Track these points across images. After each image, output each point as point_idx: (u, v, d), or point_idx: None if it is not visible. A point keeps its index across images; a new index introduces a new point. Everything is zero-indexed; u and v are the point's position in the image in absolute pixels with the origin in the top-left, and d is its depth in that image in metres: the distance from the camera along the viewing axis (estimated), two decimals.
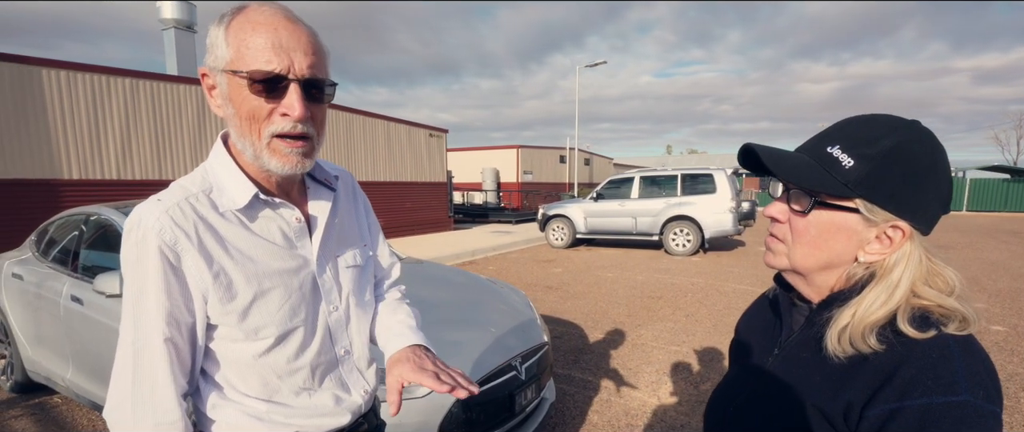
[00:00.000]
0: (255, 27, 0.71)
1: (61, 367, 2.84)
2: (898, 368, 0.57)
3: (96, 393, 2.62)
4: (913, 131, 0.61)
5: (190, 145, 8.35)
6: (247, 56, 0.71)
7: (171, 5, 9.90)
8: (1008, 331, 4.58)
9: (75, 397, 2.81)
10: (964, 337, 0.59)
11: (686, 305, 5.67)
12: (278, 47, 0.71)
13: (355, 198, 1.01)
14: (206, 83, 0.77)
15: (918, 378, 0.56)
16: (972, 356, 0.57)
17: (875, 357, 0.60)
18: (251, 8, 0.73)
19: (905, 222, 0.61)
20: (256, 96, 0.72)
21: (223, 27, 0.73)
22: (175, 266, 0.73)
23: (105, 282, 2.32)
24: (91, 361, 2.62)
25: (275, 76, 0.71)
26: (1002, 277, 7.15)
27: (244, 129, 0.75)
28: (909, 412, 0.55)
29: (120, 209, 2.87)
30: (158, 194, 0.77)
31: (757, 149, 0.66)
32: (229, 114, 0.75)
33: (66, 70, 6.86)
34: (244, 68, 0.71)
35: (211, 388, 0.83)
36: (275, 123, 0.74)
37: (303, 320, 0.84)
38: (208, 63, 0.75)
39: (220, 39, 0.72)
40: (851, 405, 0.60)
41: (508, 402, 2.23)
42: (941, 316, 0.60)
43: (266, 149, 0.75)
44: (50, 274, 2.96)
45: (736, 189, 9.58)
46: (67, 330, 2.73)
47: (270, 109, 0.73)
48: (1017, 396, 3.22)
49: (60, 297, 2.77)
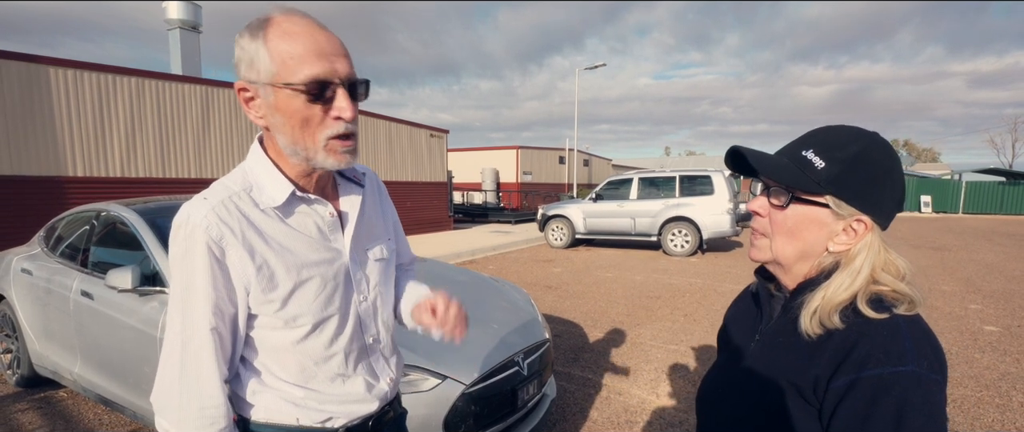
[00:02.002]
0: (294, 38, 0.74)
1: (69, 361, 2.89)
2: (855, 344, 0.66)
3: (104, 386, 2.67)
4: (875, 140, 0.72)
5: (194, 144, 8.40)
6: (294, 67, 0.74)
7: (177, 5, 9.96)
8: (1002, 331, 4.65)
9: (83, 390, 2.85)
10: (912, 316, 0.68)
11: (684, 305, 5.73)
12: (321, 54, 0.75)
13: (380, 195, 1.07)
14: (244, 95, 0.79)
15: (872, 352, 0.65)
16: (918, 332, 0.67)
17: (838, 335, 0.69)
18: (281, 19, 0.76)
19: (868, 216, 0.71)
20: (309, 104, 0.76)
21: (260, 41, 0.75)
22: (220, 260, 0.78)
23: (117, 277, 2.36)
24: (100, 355, 2.67)
25: (324, 82, 0.76)
26: (996, 279, 7.22)
27: (297, 136, 0.78)
28: (865, 381, 0.64)
29: (130, 206, 2.91)
30: (203, 193, 0.82)
31: (742, 150, 0.76)
32: (276, 123, 0.78)
33: (73, 69, 6.92)
34: (293, 79, 0.74)
35: (251, 374, 0.88)
36: (329, 127, 0.78)
37: (337, 309, 0.89)
38: (247, 77, 0.77)
39: (261, 53, 0.74)
40: (818, 378, 0.68)
41: (511, 397, 2.28)
42: (893, 299, 0.69)
43: (322, 150, 0.80)
44: (60, 269, 3.00)
45: (734, 191, 9.64)
46: (76, 324, 2.78)
47: (322, 114, 0.78)
48: (1009, 394, 3.28)
49: (70, 292, 2.82)
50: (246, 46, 0.76)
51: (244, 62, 0.77)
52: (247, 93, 0.79)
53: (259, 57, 0.75)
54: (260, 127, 0.83)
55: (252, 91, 0.78)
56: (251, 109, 0.80)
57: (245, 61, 0.77)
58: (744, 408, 0.79)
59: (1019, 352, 4.08)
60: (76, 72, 6.94)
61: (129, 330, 2.44)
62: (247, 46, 0.76)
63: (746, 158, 0.76)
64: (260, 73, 0.76)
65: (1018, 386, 3.42)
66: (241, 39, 0.77)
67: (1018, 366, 3.77)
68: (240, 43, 0.77)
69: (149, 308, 2.38)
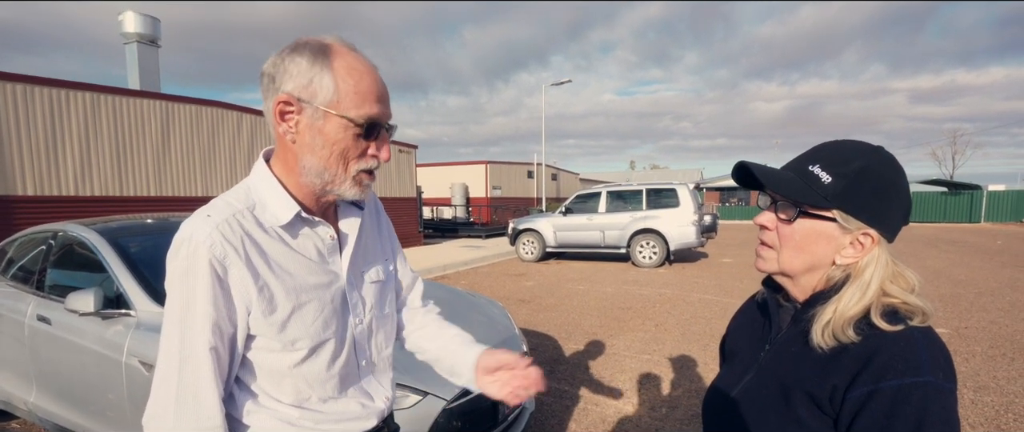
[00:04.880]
0: (361, 75, 0.78)
1: (24, 390, 2.73)
2: (873, 356, 0.68)
3: (63, 415, 2.53)
4: (880, 155, 0.73)
5: (153, 161, 8.11)
6: (357, 102, 0.78)
7: (134, 19, 9.64)
8: (951, 332, 4.92)
9: (39, 421, 2.69)
10: (925, 328, 0.70)
11: (655, 315, 5.84)
12: (380, 97, 0.81)
13: (379, 216, 1.07)
14: (283, 109, 0.79)
15: (890, 363, 0.66)
16: (932, 344, 0.69)
17: (854, 347, 0.70)
18: (344, 51, 0.79)
19: (874, 230, 0.72)
20: (358, 139, 0.80)
21: (325, 67, 0.77)
22: (222, 279, 0.77)
23: (77, 300, 2.25)
24: (59, 382, 2.53)
25: (377, 124, 0.81)
26: (944, 283, 7.64)
27: (331, 162, 0.80)
28: (884, 392, 0.65)
29: (89, 226, 2.79)
30: (205, 210, 0.81)
31: (751, 166, 0.77)
32: (314, 144, 0.80)
33: (22, 83, 6.60)
34: (352, 113, 0.78)
35: (246, 395, 0.86)
36: (365, 162, 0.83)
37: (334, 332, 0.89)
38: (299, 95, 0.77)
39: (325, 79, 0.76)
40: (836, 388, 0.70)
41: (492, 411, 2.29)
42: (906, 312, 0.71)
43: (350, 181, 0.83)
44: (12, 293, 2.85)
45: (698, 203, 9.95)
46: (32, 351, 2.63)
47: (364, 149, 0.82)
48: (961, 392, 3.47)
49: (24, 317, 2.67)
50: (301, 65, 0.77)
51: (291, 79, 0.77)
52: (290, 107, 0.78)
53: (321, 82, 0.76)
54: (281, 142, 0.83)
55: (297, 107, 0.78)
56: (284, 122, 0.80)
57: (294, 78, 0.77)
58: (757, 418, 0.79)
59: (968, 352, 4.34)
60: (25, 87, 6.63)
61: (91, 355, 2.33)
62: (303, 66, 0.77)
63: (752, 173, 0.77)
64: (317, 96, 0.77)
65: (968, 384, 3.62)
66: (294, 55, 0.77)
67: (967, 365, 4.00)
68: (290, 59, 0.77)
69: (113, 332, 2.28)
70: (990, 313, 5.71)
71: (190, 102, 8.66)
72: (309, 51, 0.77)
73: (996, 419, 3.09)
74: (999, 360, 4.12)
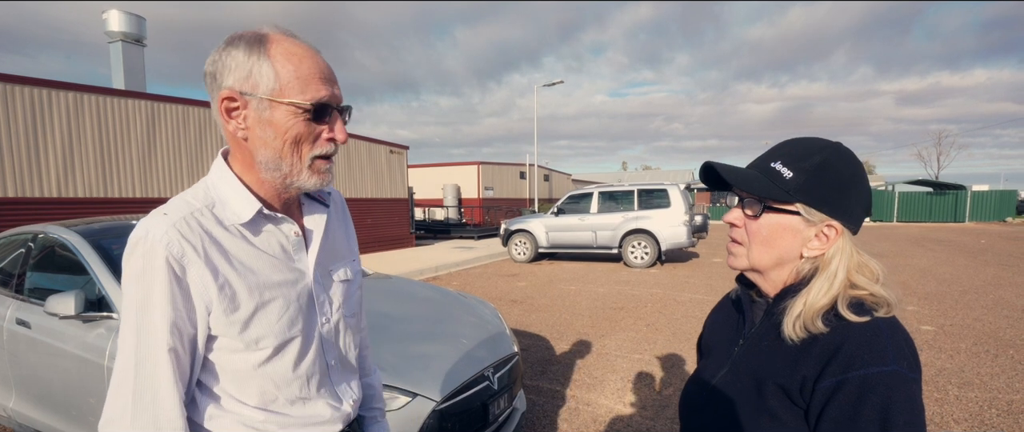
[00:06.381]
0: (301, 58, 0.77)
1: (2, 396, 2.67)
2: (841, 346, 0.70)
3: (43, 421, 2.48)
4: (838, 150, 0.77)
5: (139, 162, 7.99)
6: (300, 86, 0.76)
7: (119, 17, 9.49)
8: (936, 330, 4.98)
9: (17, 427, 2.64)
10: (890, 319, 0.73)
11: (646, 315, 5.86)
12: (325, 78, 0.78)
13: (344, 215, 1.05)
14: (227, 106, 0.77)
15: (857, 354, 0.68)
16: (897, 334, 0.71)
17: (823, 338, 0.72)
18: (281, 38, 0.77)
19: (837, 221, 0.75)
20: (308, 123, 0.78)
21: (261, 56, 0.75)
22: (180, 278, 0.75)
23: (58, 303, 2.21)
24: (39, 387, 2.48)
25: (326, 105, 0.78)
26: (929, 282, 7.74)
27: (286, 152, 0.78)
28: (851, 382, 0.68)
29: (71, 227, 2.74)
30: (163, 208, 0.78)
31: (716, 166, 0.80)
32: (265, 137, 0.78)
33: (3, 83, 6.47)
34: (297, 98, 0.76)
35: (208, 400, 0.84)
36: (320, 147, 0.80)
37: (300, 331, 0.87)
38: (241, 88, 0.76)
39: (264, 68, 0.75)
40: (806, 379, 0.72)
41: (482, 412, 2.27)
42: (872, 303, 0.73)
43: (307, 169, 0.81)
44: None
45: (689, 203, 9.99)
46: (11, 355, 2.58)
47: (317, 134, 0.80)
48: (946, 389, 3.51)
49: (3, 321, 2.62)
50: (238, 58, 0.75)
51: (230, 73, 0.76)
52: (234, 103, 0.77)
53: (260, 71, 0.75)
54: (233, 140, 0.81)
55: (241, 102, 0.77)
56: (233, 119, 0.78)
57: (233, 72, 0.76)
58: (730, 411, 0.80)
59: (953, 349, 4.39)
60: (5, 86, 6.50)
61: (72, 359, 2.29)
62: (240, 59, 0.75)
63: (719, 172, 0.80)
64: (259, 87, 0.75)
65: (953, 381, 3.66)
66: (229, 49, 0.76)
67: (952, 362, 4.05)
68: (227, 54, 0.76)
69: (94, 335, 2.24)
70: (974, 310, 5.79)
71: (177, 102, 8.54)
72: (244, 43, 0.76)
73: (980, 414, 3.12)
74: (983, 356, 4.17)
